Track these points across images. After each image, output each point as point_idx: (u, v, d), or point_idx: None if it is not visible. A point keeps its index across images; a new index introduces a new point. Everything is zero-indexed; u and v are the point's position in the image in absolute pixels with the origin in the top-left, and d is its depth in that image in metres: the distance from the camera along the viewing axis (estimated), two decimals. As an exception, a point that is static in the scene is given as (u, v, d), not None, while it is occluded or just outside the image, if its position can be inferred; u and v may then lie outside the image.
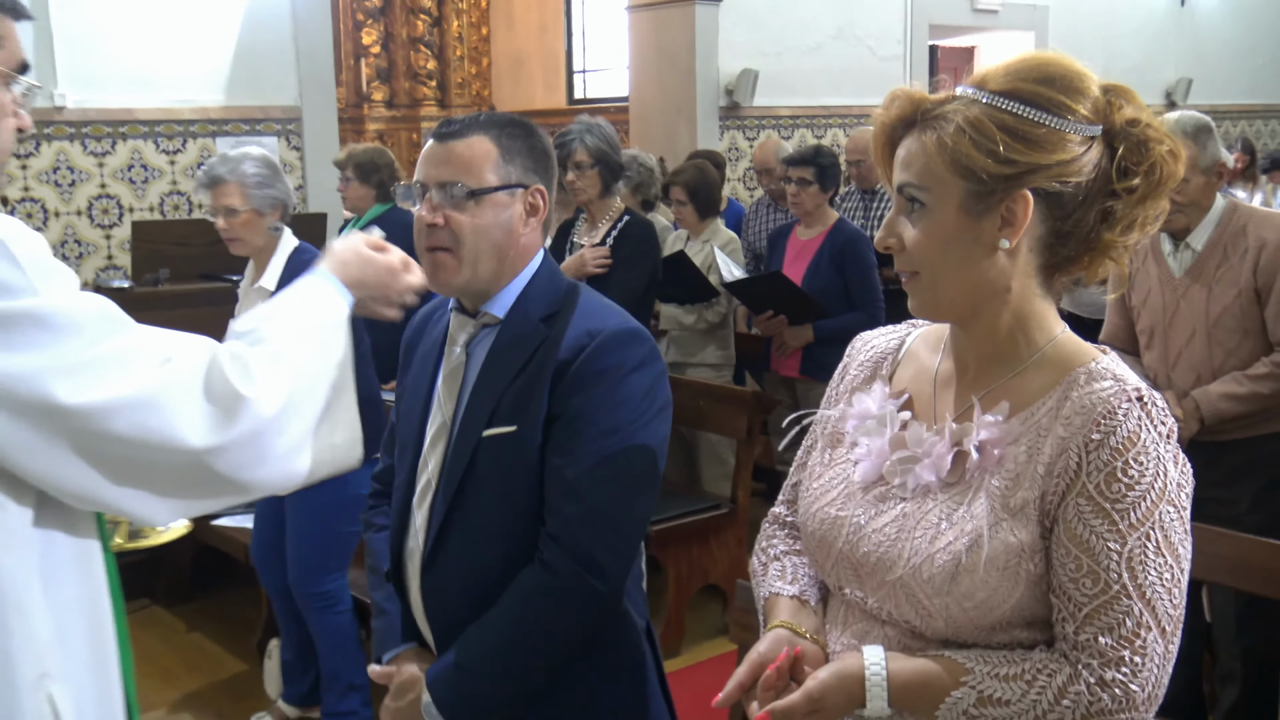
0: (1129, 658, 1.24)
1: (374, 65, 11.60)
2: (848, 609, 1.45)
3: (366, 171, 4.92)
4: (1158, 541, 1.25)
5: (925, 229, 1.33)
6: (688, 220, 5.19)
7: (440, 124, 1.86)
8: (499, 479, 1.79)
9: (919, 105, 1.35)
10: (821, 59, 8.36)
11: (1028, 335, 1.37)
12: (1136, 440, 1.26)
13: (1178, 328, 3.23)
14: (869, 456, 1.44)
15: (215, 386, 1.32)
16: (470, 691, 1.77)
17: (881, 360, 1.53)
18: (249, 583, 4.45)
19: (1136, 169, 1.31)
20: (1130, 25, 10.49)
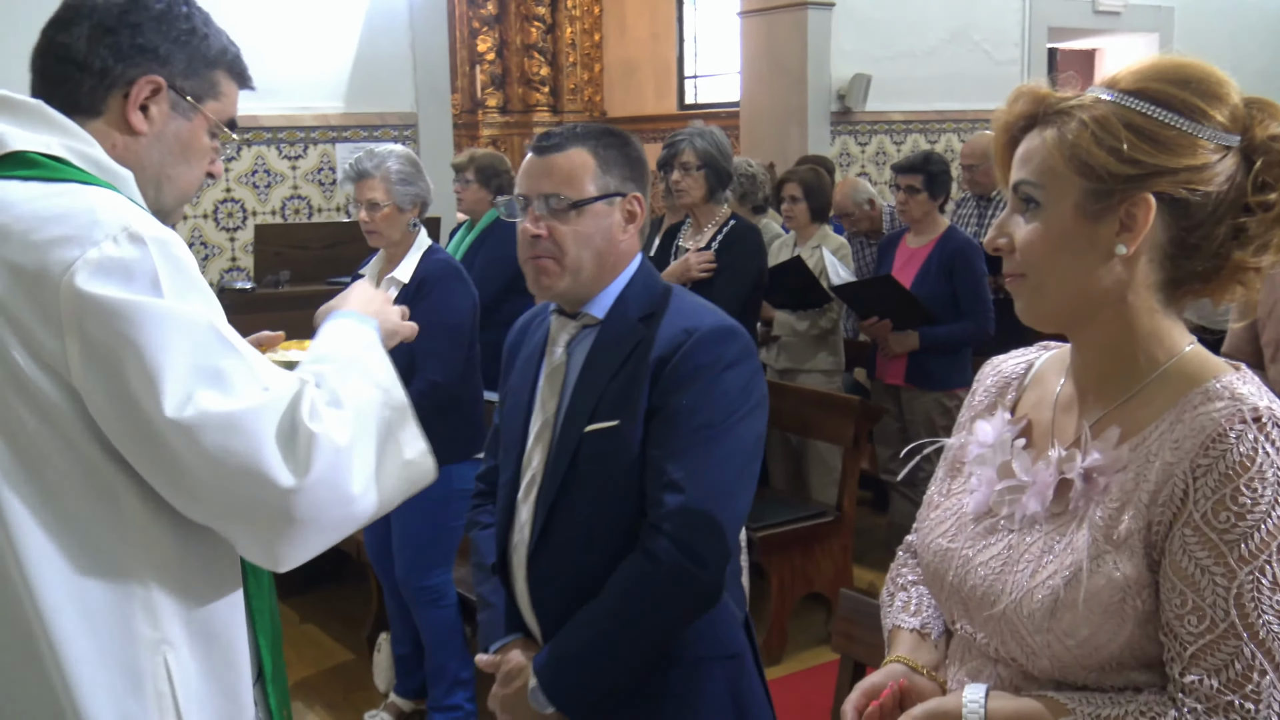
0: (1238, 704, 1.15)
1: (488, 72, 11.79)
2: (964, 646, 1.41)
3: (488, 175, 5.01)
4: (1274, 576, 1.15)
5: (1038, 229, 1.28)
6: (799, 219, 5.15)
7: (538, 137, 1.93)
8: (601, 473, 1.85)
9: (1043, 102, 1.29)
10: (936, 63, 8.24)
11: (1148, 353, 1.28)
12: (1251, 465, 1.16)
13: (1310, 346, 3.11)
14: (981, 487, 1.39)
15: (295, 424, 1.35)
16: (577, 677, 1.83)
17: (1007, 386, 1.48)
18: (361, 578, 4.56)
19: (1276, 185, 1.23)
20: (1260, 26, 10.12)
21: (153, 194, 1.51)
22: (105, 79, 1.46)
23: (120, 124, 1.47)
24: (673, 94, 11.71)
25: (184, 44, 1.50)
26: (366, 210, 3.41)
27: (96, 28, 1.46)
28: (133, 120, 1.47)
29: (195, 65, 1.51)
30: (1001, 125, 1.34)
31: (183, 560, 1.42)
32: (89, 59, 1.46)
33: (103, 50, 1.46)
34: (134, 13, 1.47)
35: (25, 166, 1.39)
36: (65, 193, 1.36)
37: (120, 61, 1.46)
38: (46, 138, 1.42)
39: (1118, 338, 1.29)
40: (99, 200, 1.36)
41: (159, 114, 1.49)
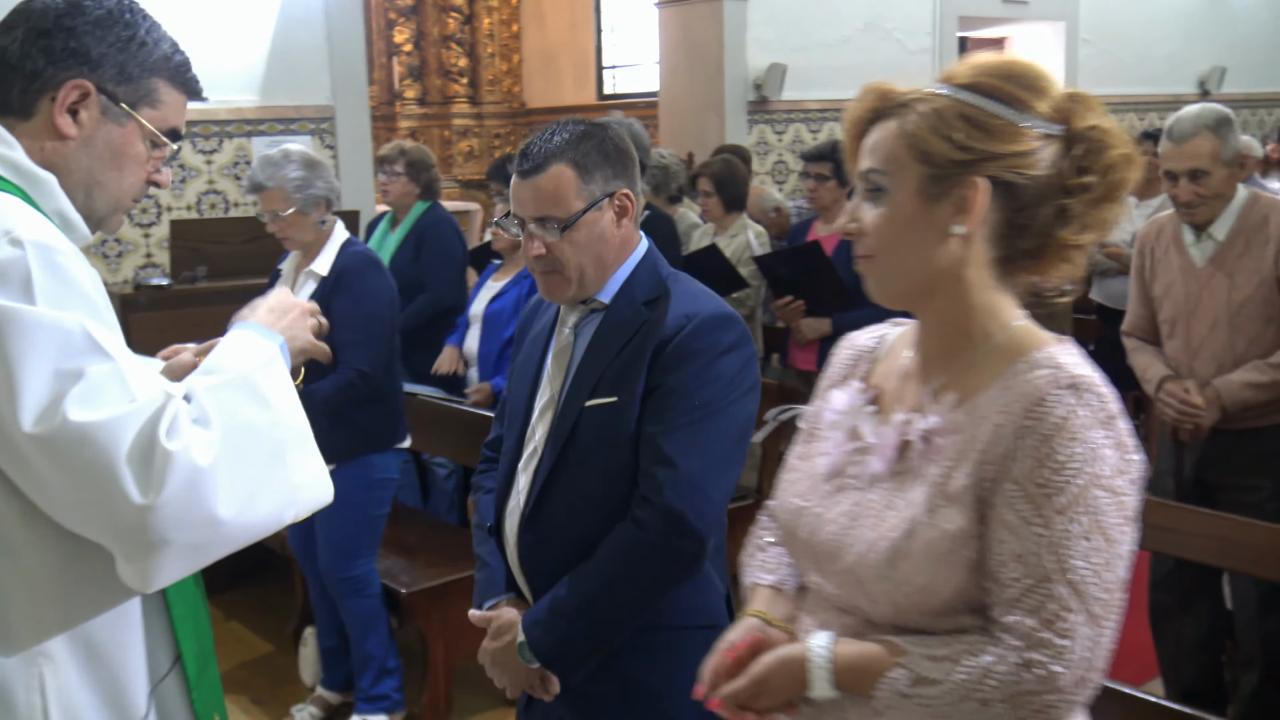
0: (1052, 640, 1.26)
1: (406, 63, 11.71)
2: (814, 597, 1.50)
3: (418, 169, 5.00)
4: (1086, 527, 1.27)
5: (884, 213, 1.39)
6: (713, 212, 5.22)
7: (519, 158, 1.99)
8: (598, 445, 1.95)
9: (888, 97, 1.41)
10: (850, 52, 8.37)
11: (982, 326, 1.40)
12: (1065, 427, 1.27)
13: (1200, 317, 3.25)
14: (832, 450, 1.49)
15: (153, 440, 1.29)
16: (563, 635, 1.93)
17: (860, 358, 1.59)
18: (284, 572, 4.55)
19: (1092, 169, 1.36)
20: (1163, 14, 10.42)
21: (82, 199, 1.49)
22: (35, 81, 1.45)
23: (49, 128, 1.46)
24: (591, 84, 11.73)
25: (120, 50, 1.49)
26: (271, 220, 3.45)
27: (31, 31, 1.46)
28: (59, 123, 1.46)
29: (130, 71, 1.50)
30: (851, 120, 1.45)
31: (63, 572, 1.39)
32: (21, 61, 1.45)
33: (35, 53, 1.45)
34: (70, 17, 1.47)
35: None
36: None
37: (51, 64, 1.45)
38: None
39: (956, 312, 1.40)
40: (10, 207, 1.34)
41: (89, 119, 1.48)
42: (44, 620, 1.38)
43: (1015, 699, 1.27)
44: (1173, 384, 3.24)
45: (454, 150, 11.85)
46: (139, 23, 1.52)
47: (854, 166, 1.46)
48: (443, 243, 5.07)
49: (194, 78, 1.60)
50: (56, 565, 1.39)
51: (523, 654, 1.97)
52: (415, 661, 3.87)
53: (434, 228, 5.06)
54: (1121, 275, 5.69)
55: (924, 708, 1.30)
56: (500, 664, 2.02)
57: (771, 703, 1.41)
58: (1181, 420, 3.20)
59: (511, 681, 2.02)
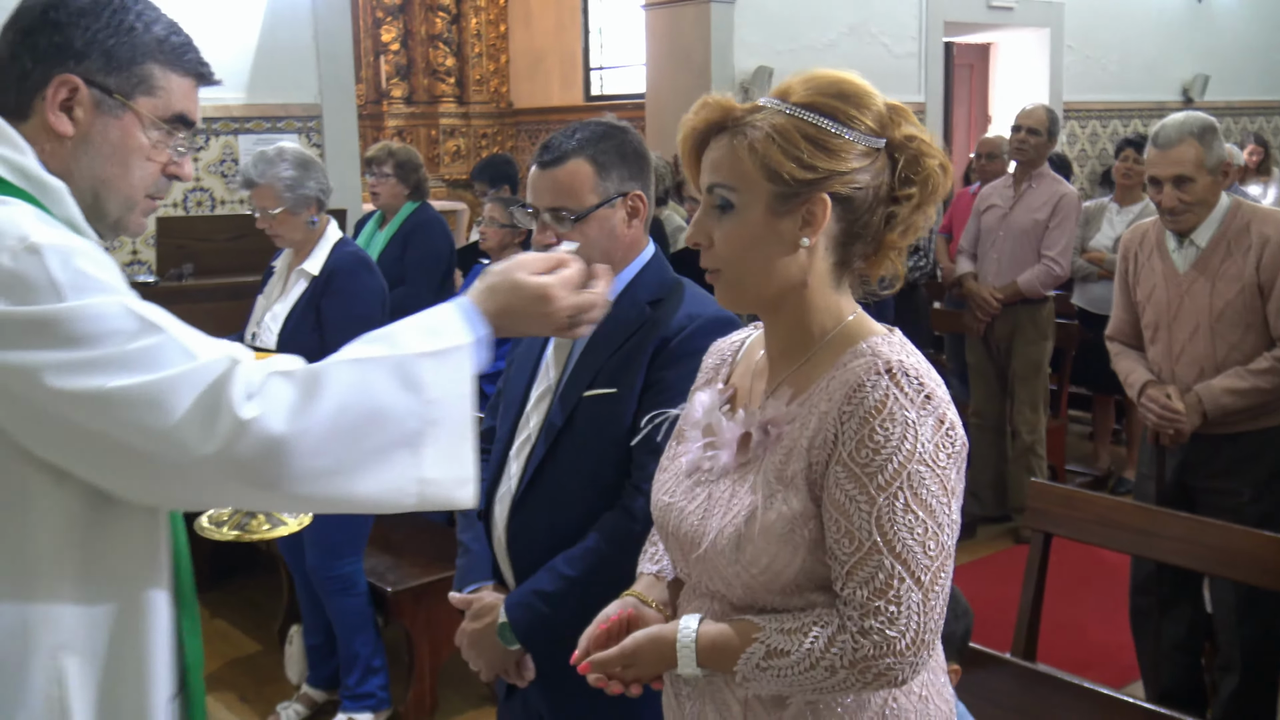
0: (884, 607, 1.36)
1: (393, 62, 11.68)
2: (688, 587, 1.60)
3: (407, 170, 5.02)
4: (906, 499, 1.36)
5: (733, 228, 1.46)
6: (702, 216, 5.24)
7: (540, 149, 2.05)
8: (592, 436, 2.00)
9: (729, 113, 1.47)
10: (836, 56, 8.38)
11: (821, 324, 1.49)
12: (883, 409, 1.37)
13: (1181, 322, 3.29)
14: (691, 449, 1.59)
15: (219, 396, 1.29)
16: (544, 617, 1.97)
17: (723, 362, 1.68)
18: (269, 570, 4.55)
19: (914, 179, 1.46)
20: (1146, 21, 10.49)
21: (90, 200, 1.44)
22: (26, 81, 1.41)
23: (45, 128, 1.41)
24: (579, 85, 11.72)
25: (107, 38, 1.42)
26: (262, 217, 3.46)
27: (19, 30, 1.42)
28: (53, 122, 1.41)
29: (119, 59, 1.43)
30: (690, 131, 1.51)
31: (94, 570, 1.39)
32: (11, 62, 1.41)
33: (21, 51, 1.41)
34: (55, 10, 1.41)
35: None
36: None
37: (38, 62, 1.40)
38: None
39: (799, 314, 1.50)
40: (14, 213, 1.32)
41: (83, 115, 1.42)
42: (63, 613, 1.38)
43: (857, 664, 1.37)
44: (1155, 389, 3.28)
45: (441, 150, 11.83)
46: (128, 7, 1.45)
47: (694, 178, 1.53)
48: (429, 242, 5.08)
49: (196, 59, 1.52)
50: (78, 559, 1.38)
51: (503, 635, 1.99)
52: (400, 660, 3.88)
53: (422, 227, 5.07)
54: (1103, 279, 5.73)
55: (779, 678, 1.41)
56: (478, 646, 2.05)
57: (639, 674, 1.53)
58: (1163, 425, 3.24)
59: (488, 663, 2.05)
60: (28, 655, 1.35)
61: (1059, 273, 5.24)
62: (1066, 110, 9.67)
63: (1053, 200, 5.26)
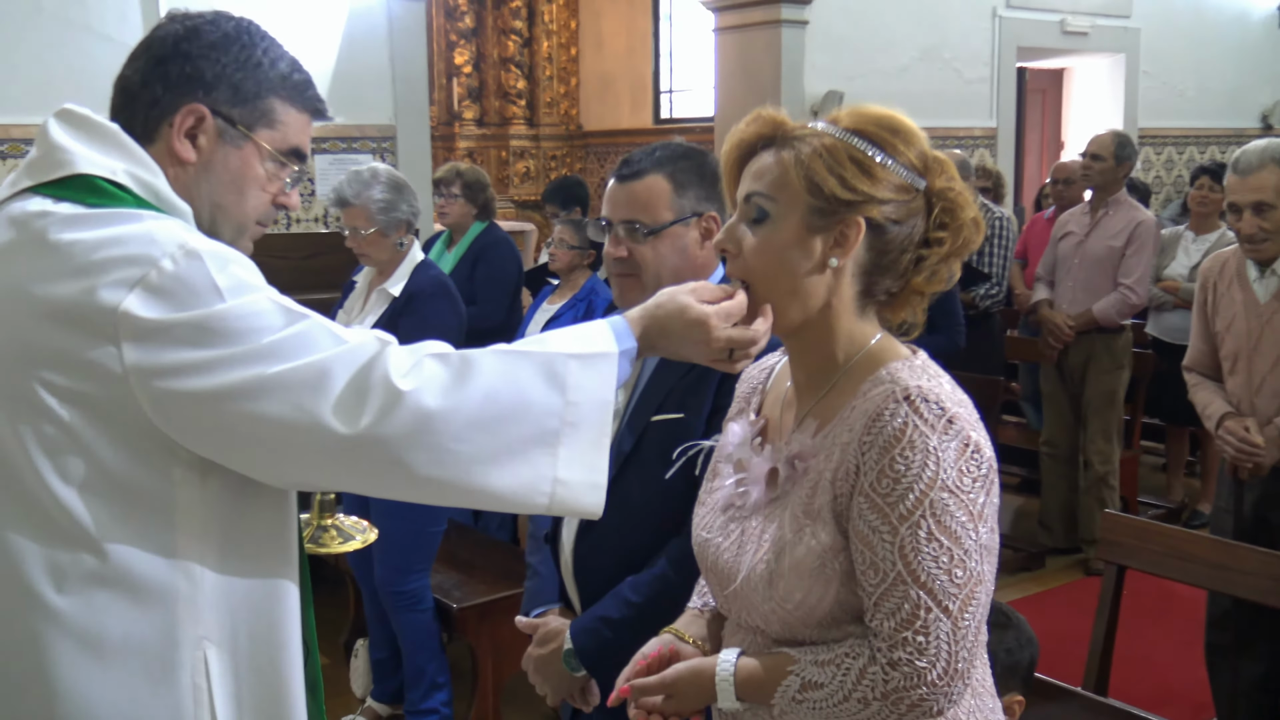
0: (911, 638, 1.35)
1: (465, 84, 11.83)
2: (730, 621, 1.60)
3: (474, 190, 5.08)
4: (929, 528, 1.35)
5: (766, 237, 1.47)
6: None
7: (620, 164, 2.08)
8: (660, 460, 1.95)
9: (780, 127, 1.50)
10: (907, 81, 8.35)
11: (845, 351, 1.50)
12: (902, 437, 1.36)
13: (1262, 353, 3.22)
14: (726, 482, 1.59)
15: (365, 375, 1.36)
16: (610, 643, 1.95)
17: (753, 391, 1.67)
18: (338, 584, 4.60)
19: (948, 226, 1.48)
20: (1224, 47, 10.30)
21: (207, 223, 1.51)
22: (155, 108, 1.49)
23: (169, 153, 1.49)
24: (648, 108, 11.79)
25: (235, 71, 1.50)
26: (351, 235, 3.49)
27: (152, 59, 1.50)
28: (178, 149, 1.49)
29: (245, 93, 1.51)
30: (737, 142, 1.53)
31: (231, 561, 1.46)
32: (142, 89, 1.50)
33: (153, 80, 1.49)
34: (188, 42, 1.50)
35: (87, 191, 1.42)
36: (123, 217, 1.39)
37: (169, 90, 1.49)
38: (114, 162, 1.45)
39: (821, 339, 1.50)
40: (156, 224, 1.40)
41: (207, 143, 1.50)
42: (205, 605, 1.44)
43: (889, 696, 1.36)
44: (1233, 421, 3.21)
45: (510, 171, 11.95)
46: (255, 43, 1.54)
47: (732, 188, 1.54)
48: (499, 262, 5.14)
49: (315, 95, 1.60)
50: (217, 551, 1.45)
51: (568, 662, 1.99)
52: (464, 676, 3.90)
53: (492, 248, 5.13)
54: (1179, 309, 5.64)
55: (815, 711, 1.41)
56: (543, 671, 2.05)
57: (679, 707, 1.53)
58: (1241, 459, 3.17)
59: (553, 689, 2.05)
60: (175, 649, 1.42)
61: (1135, 301, 5.16)
62: (1142, 137, 9.52)
63: (1130, 227, 5.19)
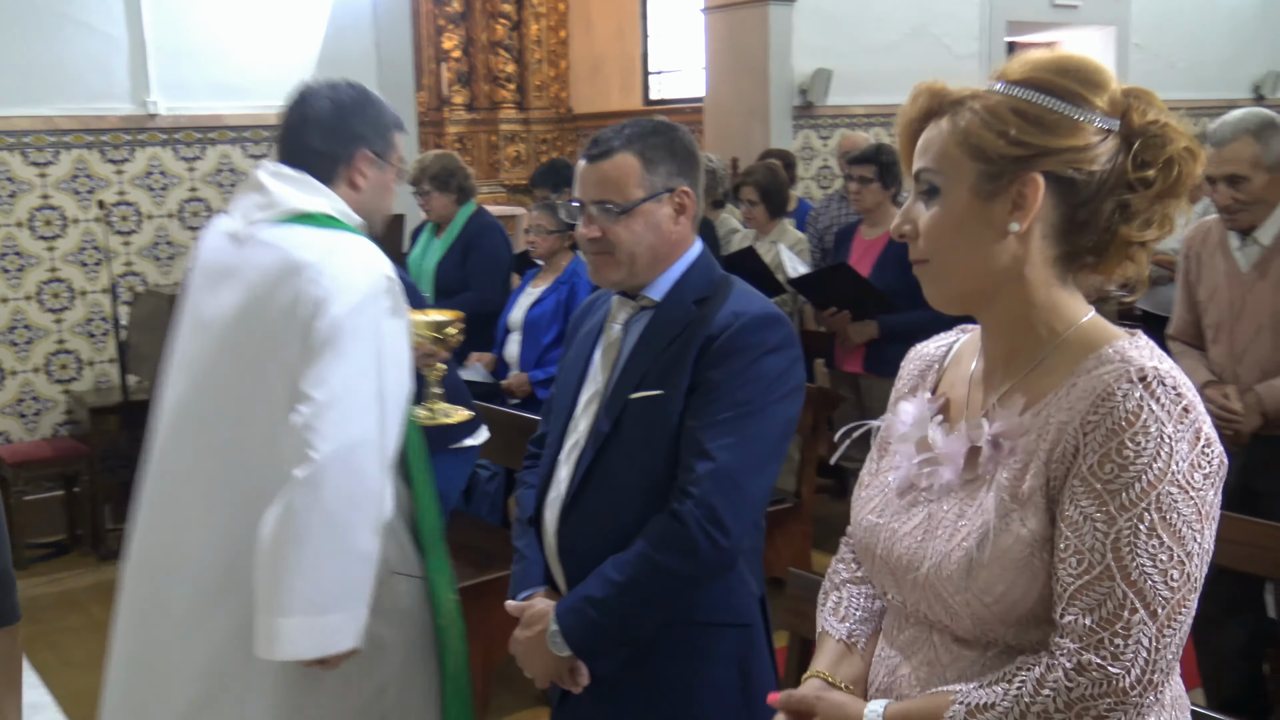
0: (1109, 640, 1.21)
1: (454, 69, 11.81)
2: (897, 616, 1.48)
3: (443, 180, 5.04)
4: (1152, 523, 1.22)
5: (938, 213, 1.36)
6: (758, 220, 5.25)
7: (589, 144, 2.07)
8: (640, 438, 1.99)
9: (940, 96, 1.39)
10: (897, 58, 8.33)
11: (1048, 325, 1.36)
12: (1135, 421, 1.23)
13: (1244, 323, 3.22)
14: (903, 462, 1.46)
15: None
16: (595, 623, 1.95)
17: (929, 368, 1.55)
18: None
19: (1153, 163, 1.31)
20: (1216, 18, 10.27)
21: (369, 227, 2.26)
22: (335, 161, 2.24)
23: (348, 186, 2.25)
24: (638, 90, 11.76)
25: (374, 122, 2.26)
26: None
27: (323, 128, 2.22)
28: (357, 182, 2.26)
29: (382, 133, 2.28)
30: (904, 122, 1.43)
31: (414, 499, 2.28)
32: (323, 149, 2.22)
33: (332, 142, 2.23)
34: (342, 111, 2.23)
35: (310, 221, 2.15)
36: (345, 240, 2.14)
37: (342, 147, 2.24)
38: (319, 200, 2.19)
39: (1019, 312, 1.37)
40: (366, 247, 2.16)
41: (370, 173, 2.27)
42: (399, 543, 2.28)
43: (1073, 705, 1.22)
44: (1213, 389, 3.21)
45: (501, 155, 11.93)
46: (372, 98, 2.28)
47: (907, 167, 1.45)
48: (491, 247, 5.13)
49: (401, 119, 2.35)
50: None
51: (554, 643, 1.98)
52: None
53: (483, 233, 5.12)
54: (1172, 283, 5.63)
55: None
56: (530, 654, 2.04)
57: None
58: (1221, 426, 3.17)
59: (541, 671, 2.04)
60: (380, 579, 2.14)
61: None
62: (1133, 109, 9.48)
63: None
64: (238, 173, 6.10)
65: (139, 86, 5.79)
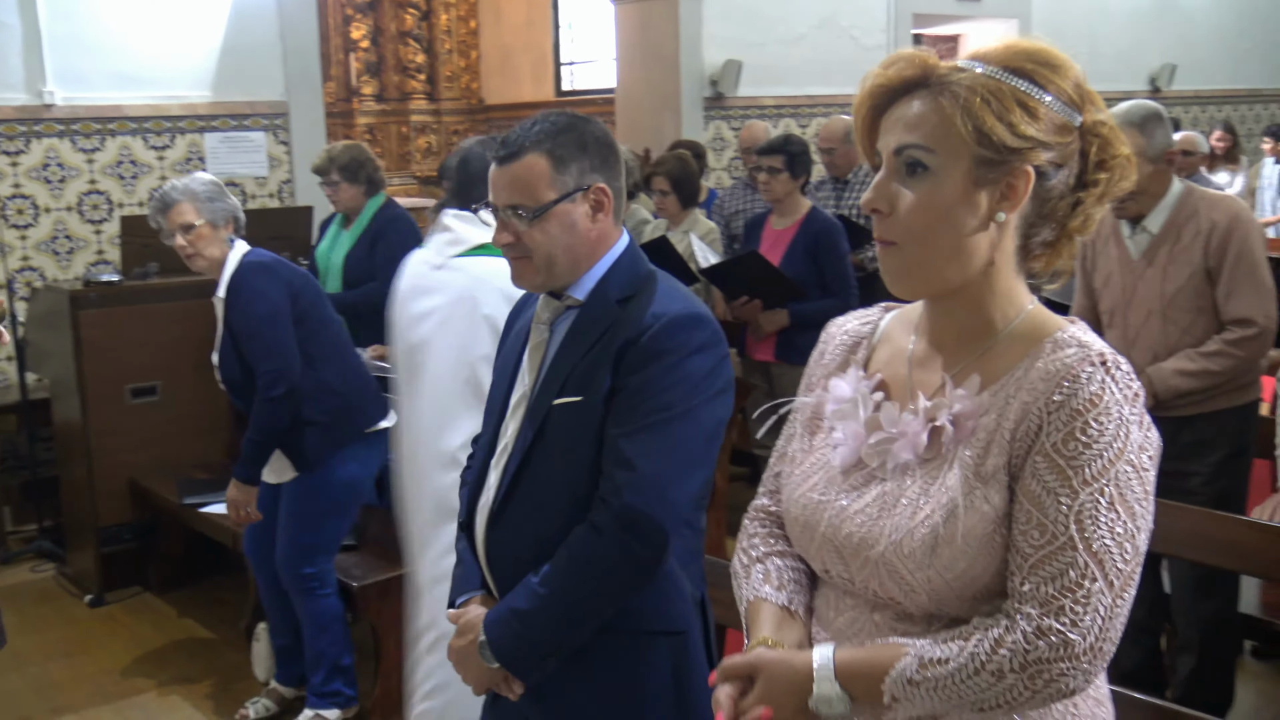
0: (1069, 606, 1.25)
1: (363, 59, 11.66)
2: (837, 596, 1.47)
3: (353, 171, 4.97)
4: (1111, 498, 1.26)
5: (927, 194, 1.33)
6: (670, 210, 5.27)
7: (498, 144, 1.98)
8: (564, 445, 1.92)
9: (929, 69, 1.35)
10: (805, 49, 8.42)
11: (1002, 311, 1.39)
12: (1099, 402, 1.27)
13: (1136, 308, 3.32)
14: (847, 441, 1.45)
15: None
16: (521, 636, 1.91)
17: (857, 344, 1.55)
18: (238, 569, 4.54)
19: (1105, 165, 1.36)
20: (1115, 11, 10.55)
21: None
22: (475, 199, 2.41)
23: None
24: (550, 81, 11.73)
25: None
26: (181, 234, 3.43)
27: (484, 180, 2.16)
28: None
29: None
30: (877, 86, 1.38)
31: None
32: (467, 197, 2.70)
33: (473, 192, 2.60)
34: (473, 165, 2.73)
35: (484, 250, 2.60)
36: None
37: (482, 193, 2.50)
38: (486, 233, 2.32)
39: (979, 299, 1.39)
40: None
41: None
42: None
43: (1028, 667, 1.26)
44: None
45: (412, 147, 11.82)
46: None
47: (867, 141, 1.41)
48: (399, 239, 5.07)
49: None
50: None
51: (484, 654, 1.94)
52: (368, 656, 3.88)
53: (391, 225, 5.06)
54: (1072, 271, 5.78)
55: (935, 691, 1.29)
56: (464, 662, 2.00)
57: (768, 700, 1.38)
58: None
59: (475, 680, 2.00)
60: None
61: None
62: (1035, 101, 9.70)
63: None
64: (139, 164, 5.96)
65: (34, 76, 5.62)
